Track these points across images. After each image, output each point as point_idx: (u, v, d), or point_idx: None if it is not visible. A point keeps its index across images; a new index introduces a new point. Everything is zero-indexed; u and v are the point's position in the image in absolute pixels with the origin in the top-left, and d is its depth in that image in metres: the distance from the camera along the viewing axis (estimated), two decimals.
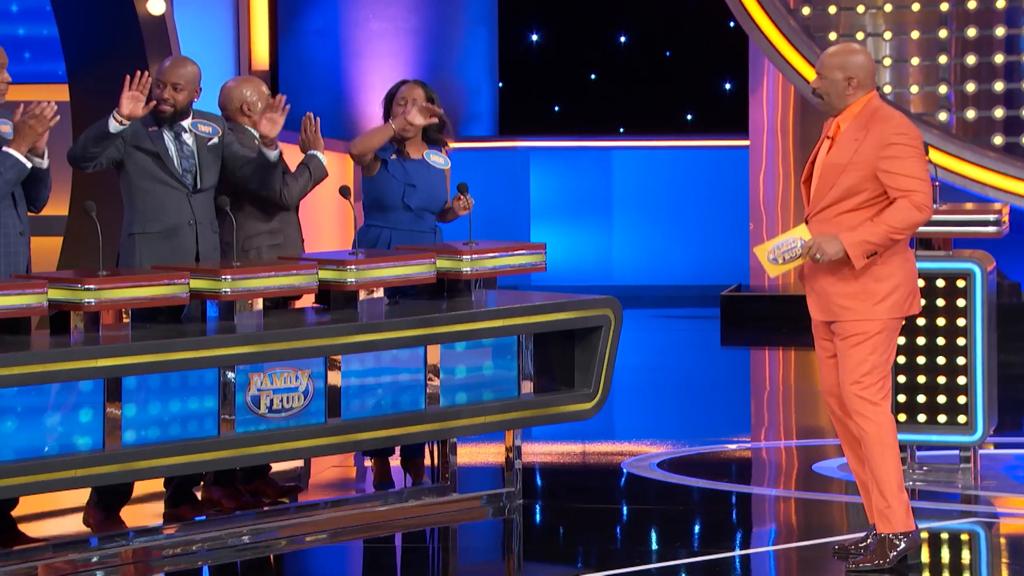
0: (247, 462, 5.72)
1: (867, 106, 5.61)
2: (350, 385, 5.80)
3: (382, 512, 6.07)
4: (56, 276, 5.58)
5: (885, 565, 5.55)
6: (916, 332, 7.02)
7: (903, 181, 5.52)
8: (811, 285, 5.66)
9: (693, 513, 6.65)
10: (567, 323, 6.21)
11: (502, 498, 6.29)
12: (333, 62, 13.09)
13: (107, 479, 5.40)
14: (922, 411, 7.01)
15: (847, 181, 5.56)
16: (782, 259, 5.61)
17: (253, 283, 5.74)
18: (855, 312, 5.57)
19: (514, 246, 6.44)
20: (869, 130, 5.56)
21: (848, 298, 5.57)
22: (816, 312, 5.67)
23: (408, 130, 6.58)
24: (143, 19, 9.80)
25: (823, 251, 5.53)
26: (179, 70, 6.04)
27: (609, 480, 7.24)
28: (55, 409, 5.29)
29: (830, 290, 5.60)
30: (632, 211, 13.09)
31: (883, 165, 5.53)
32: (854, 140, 5.57)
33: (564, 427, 7.09)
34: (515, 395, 6.18)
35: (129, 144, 6.00)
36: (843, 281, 5.58)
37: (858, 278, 5.57)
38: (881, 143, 5.53)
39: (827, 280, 5.60)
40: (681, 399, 9.27)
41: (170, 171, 6.03)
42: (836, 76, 5.60)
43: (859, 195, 5.56)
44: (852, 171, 5.55)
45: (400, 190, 6.56)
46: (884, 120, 5.58)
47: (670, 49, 14.09)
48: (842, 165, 5.56)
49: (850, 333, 5.57)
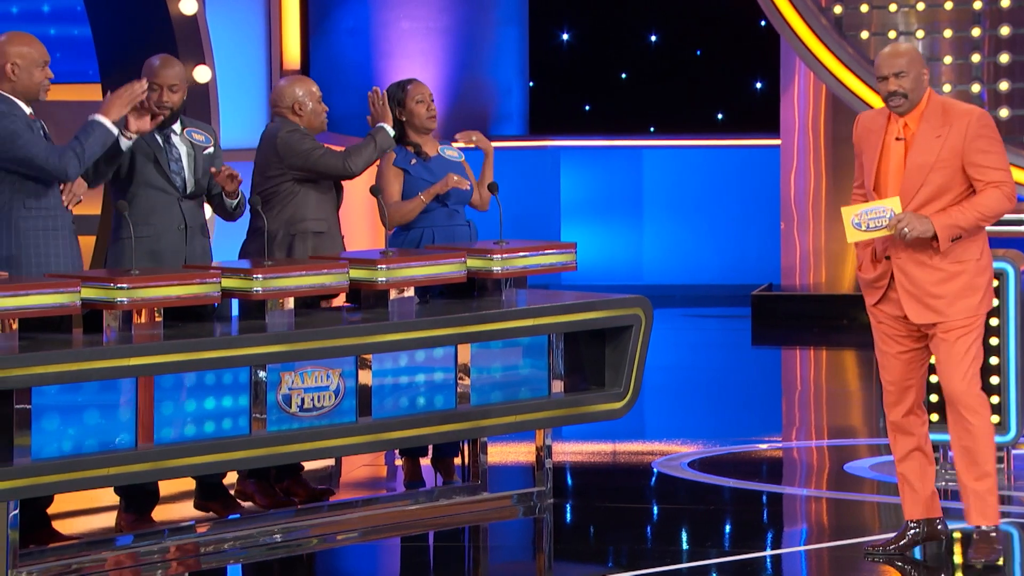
0: (278, 461, 5.73)
1: (931, 102, 5.60)
2: (381, 384, 5.82)
3: (413, 511, 6.08)
4: (89, 275, 5.61)
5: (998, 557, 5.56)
6: None
7: (992, 173, 5.54)
8: (909, 290, 5.60)
9: (724, 513, 6.64)
10: (597, 322, 6.21)
11: (533, 497, 6.29)
12: (364, 61, 13.12)
13: (140, 477, 5.42)
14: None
15: (937, 179, 5.54)
16: (866, 225, 5.54)
17: (284, 282, 5.76)
18: (964, 309, 5.56)
19: (544, 245, 6.44)
20: (951, 126, 5.54)
21: (955, 297, 5.56)
22: (918, 316, 5.60)
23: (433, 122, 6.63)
24: (175, 19, 9.84)
25: (913, 226, 5.49)
26: (172, 71, 6.05)
27: (640, 479, 7.23)
28: (88, 408, 5.32)
29: (935, 291, 5.57)
30: (663, 210, 13.07)
31: (972, 158, 5.53)
32: (936, 138, 5.54)
33: (594, 426, 7.08)
34: (545, 394, 6.18)
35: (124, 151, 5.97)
36: (947, 281, 5.56)
37: (960, 276, 5.56)
38: (968, 136, 5.52)
39: (930, 282, 5.57)
40: (712, 399, 9.25)
41: (163, 174, 6.02)
42: (917, 70, 5.57)
43: (948, 194, 5.54)
44: (940, 169, 5.54)
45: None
46: (963, 113, 5.56)
47: (701, 48, 14.07)
48: (929, 164, 5.53)
49: (956, 327, 5.56)
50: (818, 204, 11.90)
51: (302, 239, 6.33)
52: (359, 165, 6.33)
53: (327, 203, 6.40)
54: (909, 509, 5.76)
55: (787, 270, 11.94)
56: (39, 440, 5.23)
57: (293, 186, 6.31)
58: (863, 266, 5.72)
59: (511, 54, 13.55)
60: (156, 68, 6.05)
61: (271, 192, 6.32)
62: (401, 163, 6.59)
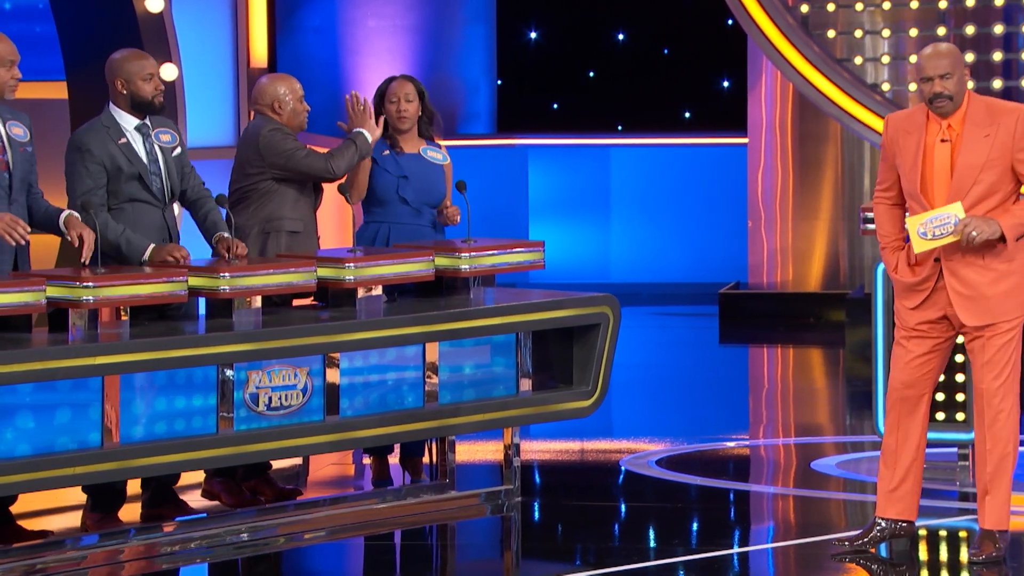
0: (245, 460, 5.72)
1: (972, 101, 5.58)
2: (348, 383, 5.80)
3: (381, 510, 6.07)
4: (54, 273, 5.58)
5: (1000, 556, 5.57)
6: None
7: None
8: (961, 291, 5.56)
9: (691, 511, 6.66)
10: (565, 321, 6.21)
11: (500, 496, 6.29)
12: (331, 59, 13.09)
13: (106, 476, 5.40)
14: None
15: (988, 179, 5.52)
16: (932, 234, 5.51)
17: (251, 280, 5.74)
18: (1013, 309, 5.55)
19: (512, 244, 6.44)
20: (998, 124, 5.53)
21: (1005, 297, 5.54)
22: (972, 318, 5.56)
23: (402, 123, 6.61)
24: (141, 16, 9.80)
25: (980, 229, 5.46)
26: (151, 58, 6.02)
27: (607, 478, 7.24)
28: (54, 407, 5.29)
29: (988, 292, 5.54)
30: (630, 209, 13.09)
31: (1022, 156, 5.52)
32: (984, 137, 5.53)
33: (562, 425, 7.09)
34: (513, 393, 6.18)
35: (109, 170, 5.88)
36: (998, 281, 5.54)
37: (1010, 275, 5.54)
38: (1017, 134, 5.51)
39: (982, 283, 5.54)
40: (679, 397, 9.27)
41: (146, 188, 5.93)
42: (960, 71, 5.56)
43: (999, 192, 5.53)
44: (991, 168, 5.52)
45: (394, 183, 6.58)
46: (1009, 111, 5.55)
47: (668, 47, 14.09)
48: (979, 165, 5.52)
49: (1004, 330, 5.55)
50: (785, 202, 11.94)
51: (276, 237, 6.30)
52: (341, 167, 6.32)
53: (305, 203, 6.37)
54: (892, 508, 5.75)
55: (754, 268, 11.97)
56: (3, 439, 5.20)
57: (272, 184, 6.29)
58: (899, 269, 5.65)
59: (479, 52, 13.54)
60: (148, 59, 5.96)
61: (249, 189, 6.29)
62: (373, 153, 6.60)
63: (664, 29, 14.03)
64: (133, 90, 5.91)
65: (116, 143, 5.91)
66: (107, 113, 5.95)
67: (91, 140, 5.87)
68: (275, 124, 6.31)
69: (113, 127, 5.92)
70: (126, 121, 5.94)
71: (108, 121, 5.94)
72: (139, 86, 5.90)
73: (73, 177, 5.87)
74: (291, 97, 6.33)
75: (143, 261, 5.80)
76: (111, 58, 5.97)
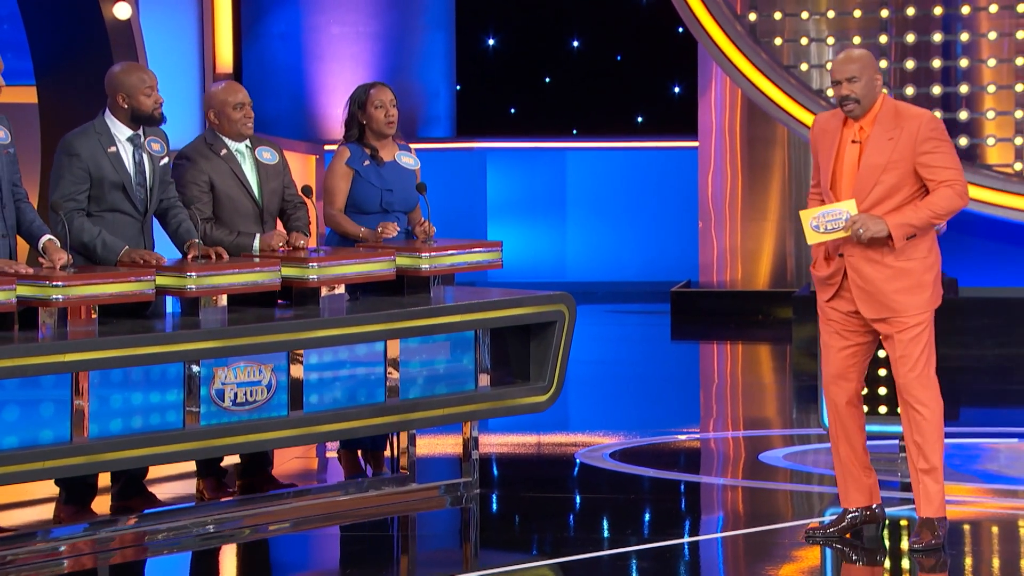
0: (211, 453, 5.70)
1: (884, 105, 5.65)
2: (312, 379, 5.80)
3: (344, 502, 6.06)
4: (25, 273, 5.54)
5: (939, 543, 5.62)
6: None
7: (943, 173, 5.59)
8: (861, 286, 5.63)
9: (644, 502, 6.67)
10: (523, 318, 6.22)
11: (460, 488, 6.29)
12: (296, 65, 13.05)
13: (74, 471, 5.38)
14: (864, 402, 7.05)
15: (889, 180, 5.59)
16: (824, 228, 5.58)
17: (217, 280, 5.73)
18: (915, 305, 5.60)
19: (471, 244, 6.44)
20: (902, 128, 5.59)
21: (905, 293, 5.60)
22: (869, 311, 5.63)
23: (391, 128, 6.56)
24: (109, 23, 9.75)
25: (867, 227, 5.54)
26: (150, 71, 5.99)
27: (563, 470, 7.25)
28: (23, 403, 5.26)
29: (886, 287, 5.60)
30: (585, 210, 13.11)
31: (922, 160, 5.58)
32: (888, 140, 5.59)
33: (520, 419, 7.09)
34: (472, 388, 6.18)
35: (93, 177, 5.85)
36: (897, 278, 5.60)
37: (911, 273, 5.60)
38: (918, 138, 5.58)
39: (880, 279, 5.60)
40: (633, 392, 9.29)
41: (129, 199, 5.90)
42: (868, 75, 5.62)
43: (899, 193, 5.59)
44: (892, 170, 5.58)
45: (378, 196, 6.52)
46: (914, 116, 5.62)
47: (621, 53, 14.11)
48: (880, 166, 5.58)
49: (909, 325, 5.60)
50: (734, 204, 11.98)
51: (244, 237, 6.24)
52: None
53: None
54: (852, 497, 5.80)
55: (705, 267, 12.01)
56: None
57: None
58: (817, 264, 5.75)
59: (439, 58, 13.53)
60: (147, 71, 5.92)
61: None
62: (354, 163, 6.53)
63: (617, 36, 14.06)
64: (134, 104, 5.88)
65: (105, 151, 5.87)
66: (101, 120, 5.92)
67: (81, 145, 5.85)
68: (194, 145, 6.26)
69: (105, 134, 5.89)
70: (119, 131, 5.91)
71: (101, 128, 5.90)
72: (140, 100, 5.87)
73: (56, 179, 5.85)
74: (226, 106, 6.20)
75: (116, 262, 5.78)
76: (111, 71, 5.94)
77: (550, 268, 13.01)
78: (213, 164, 6.21)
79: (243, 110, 6.21)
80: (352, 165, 6.52)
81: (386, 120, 6.53)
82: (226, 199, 6.19)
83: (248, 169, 6.24)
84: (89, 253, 5.80)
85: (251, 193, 6.21)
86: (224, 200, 6.20)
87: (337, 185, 6.48)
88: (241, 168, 6.23)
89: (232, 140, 6.23)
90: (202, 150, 6.24)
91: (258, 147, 6.29)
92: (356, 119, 6.56)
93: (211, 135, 6.25)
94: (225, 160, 6.22)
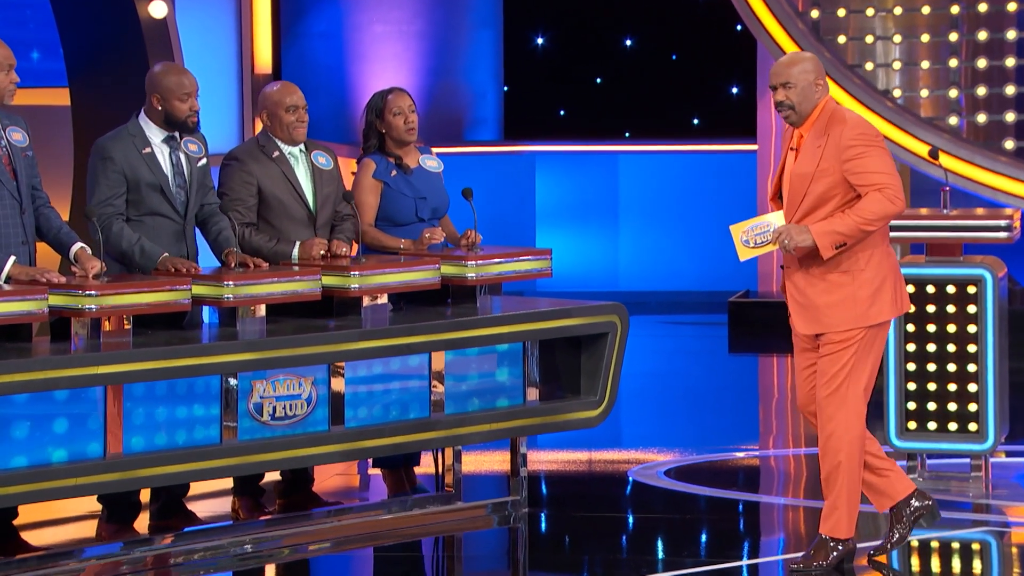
0: (250, 470, 5.72)
1: (823, 111, 5.65)
2: (354, 392, 5.80)
3: (386, 521, 6.06)
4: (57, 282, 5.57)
5: (827, 566, 5.59)
6: (927, 339, 7.02)
7: (870, 177, 5.58)
8: (796, 299, 5.68)
9: (700, 522, 6.65)
10: (573, 329, 6.21)
11: (507, 507, 6.29)
12: (336, 65, 13.10)
13: (109, 487, 5.40)
14: (933, 419, 7.01)
15: (817, 189, 5.60)
16: (754, 242, 5.64)
17: (255, 289, 5.74)
18: (843, 321, 5.60)
19: (519, 251, 6.43)
20: (828, 135, 5.60)
21: (834, 308, 5.60)
22: (803, 326, 5.68)
23: (412, 135, 6.54)
24: (145, 22, 9.82)
25: (792, 238, 5.57)
26: (191, 75, 6.01)
27: (615, 488, 7.24)
28: (56, 417, 5.30)
29: (817, 302, 5.63)
30: (638, 216, 13.09)
31: (848, 167, 5.58)
32: (816, 147, 5.61)
33: (570, 435, 7.08)
34: (520, 402, 6.18)
35: (129, 180, 5.87)
36: (828, 291, 5.61)
37: (843, 287, 5.60)
38: (841, 146, 5.58)
39: (813, 292, 5.63)
40: (688, 406, 9.27)
41: (168, 202, 5.91)
42: (806, 81, 5.61)
43: (830, 202, 5.60)
44: (820, 179, 5.60)
45: (413, 206, 6.51)
46: (839, 123, 5.61)
47: (677, 52, 14.09)
48: (809, 174, 5.60)
49: (834, 340, 5.61)
50: None
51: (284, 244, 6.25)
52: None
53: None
54: (880, 502, 5.81)
55: (764, 276, 11.96)
56: (5, 450, 5.20)
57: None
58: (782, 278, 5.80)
59: (486, 58, 13.55)
60: (187, 75, 5.93)
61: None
62: (381, 175, 6.51)
63: (673, 34, 14.03)
64: (168, 108, 5.90)
65: (140, 152, 5.90)
66: (135, 122, 5.95)
67: (114, 148, 5.88)
68: (245, 146, 6.27)
69: (139, 136, 5.91)
70: (153, 132, 5.94)
71: (135, 130, 5.93)
72: (175, 105, 5.90)
73: (92, 185, 5.89)
74: (279, 108, 6.20)
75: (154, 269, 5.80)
76: (151, 71, 5.97)
77: (602, 277, 13.00)
78: (264, 167, 6.22)
79: (296, 113, 6.21)
80: (380, 177, 6.50)
81: (406, 127, 6.50)
82: (276, 203, 6.20)
83: (302, 173, 6.24)
84: (127, 261, 5.83)
85: (303, 198, 6.22)
86: (274, 204, 6.20)
87: (367, 200, 6.47)
88: (294, 172, 6.23)
89: (285, 144, 6.24)
90: (253, 152, 6.24)
91: (313, 151, 6.31)
92: (375, 128, 6.53)
93: (264, 137, 6.27)
94: (277, 163, 6.22)
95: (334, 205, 6.31)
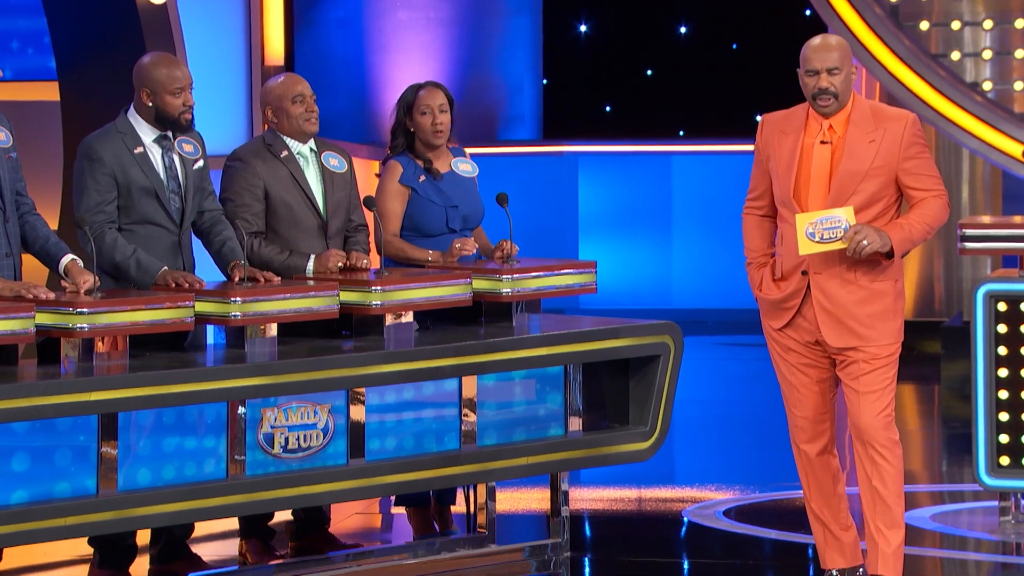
0: (258, 509, 5.74)
1: (856, 104, 5.66)
2: (375, 422, 5.83)
3: (412, 566, 6.08)
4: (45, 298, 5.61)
5: None
6: (1021, 363, 6.99)
7: (930, 181, 5.65)
8: (825, 307, 5.65)
9: (764, 568, 6.65)
10: (621, 351, 6.22)
11: (547, 550, 6.30)
12: (356, 56, 13.17)
13: (101, 528, 5.43)
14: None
15: (869, 188, 5.61)
16: (820, 236, 5.60)
17: (265, 306, 5.77)
18: (885, 334, 5.63)
19: (560, 264, 6.46)
20: (884, 130, 5.59)
21: (877, 319, 5.62)
22: (837, 339, 5.66)
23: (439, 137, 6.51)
24: (142, 9, 9.88)
25: (872, 239, 5.55)
26: (184, 67, 6.04)
27: (668, 530, 7.24)
28: (44, 449, 5.33)
29: (856, 312, 5.63)
30: (694, 225, 13.09)
31: (907, 166, 5.61)
32: (869, 143, 5.61)
33: (617, 470, 7.08)
34: (562, 433, 6.19)
35: (120, 184, 5.89)
36: (871, 300, 5.61)
37: (885, 296, 5.60)
38: (903, 143, 5.59)
39: (851, 301, 5.63)
40: (750, 438, 9.26)
41: (161, 205, 5.93)
42: (849, 68, 5.64)
43: (877, 204, 5.63)
44: (874, 177, 5.61)
45: (443, 215, 6.50)
46: (896, 117, 5.64)
47: (737, 41, 14.10)
48: (861, 172, 5.60)
49: (879, 356, 5.62)
50: None
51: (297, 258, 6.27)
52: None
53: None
54: (831, 557, 5.83)
55: None
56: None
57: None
58: (764, 286, 5.78)
59: (523, 48, 13.59)
60: (179, 68, 5.94)
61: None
62: (408, 180, 6.49)
63: (732, 21, 14.05)
64: (159, 103, 5.92)
65: (131, 152, 5.92)
66: (123, 118, 5.96)
67: (103, 147, 5.89)
68: (250, 145, 6.30)
69: (129, 134, 5.93)
70: (144, 131, 5.95)
71: (124, 127, 5.94)
72: (166, 100, 5.91)
73: (79, 190, 5.90)
74: (285, 101, 6.21)
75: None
76: (139, 63, 5.98)
77: (653, 293, 13.00)
78: (271, 168, 6.25)
79: (304, 103, 6.24)
80: (407, 183, 6.49)
81: (433, 129, 6.47)
82: (284, 209, 6.22)
83: (312, 176, 6.26)
84: (121, 275, 5.85)
85: (314, 204, 6.24)
86: (281, 210, 6.23)
87: (391, 207, 6.47)
88: (303, 174, 6.25)
89: (295, 141, 6.26)
90: (259, 151, 6.27)
91: (324, 152, 6.32)
92: (403, 125, 6.51)
93: (271, 135, 6.29)
94: (285, 163, 6.25)
95: (347, 213, 6.32)
